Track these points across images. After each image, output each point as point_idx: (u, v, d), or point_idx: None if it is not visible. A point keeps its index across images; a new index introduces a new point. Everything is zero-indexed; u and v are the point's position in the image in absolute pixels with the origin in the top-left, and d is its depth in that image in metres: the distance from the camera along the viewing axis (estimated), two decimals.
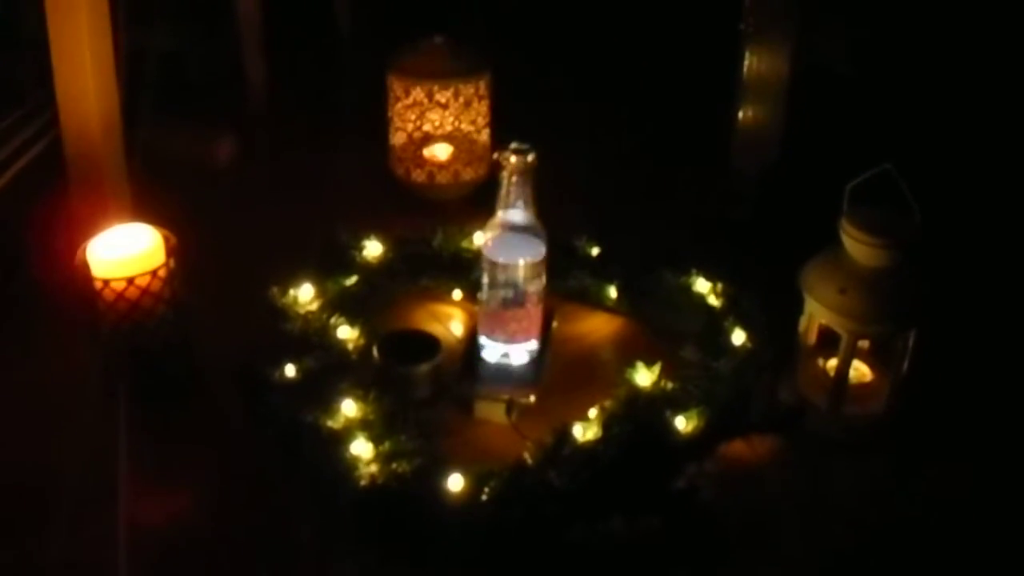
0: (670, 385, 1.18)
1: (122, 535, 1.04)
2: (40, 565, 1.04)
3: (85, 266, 1.19)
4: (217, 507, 1.11)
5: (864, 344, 1.25)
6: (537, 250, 1.21)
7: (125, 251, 1.20)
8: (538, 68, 2.19)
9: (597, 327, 1.39)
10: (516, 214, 1.20)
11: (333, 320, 1.28)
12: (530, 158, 1.17)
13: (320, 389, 1.15)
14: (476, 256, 1.38)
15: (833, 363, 1.22)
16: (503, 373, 1.25)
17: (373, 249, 1.42)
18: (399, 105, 1.67)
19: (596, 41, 2.35)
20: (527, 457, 1.08)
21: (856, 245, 1.15)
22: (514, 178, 1.18)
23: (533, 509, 1.03)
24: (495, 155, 1.19)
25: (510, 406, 1.21)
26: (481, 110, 1.67)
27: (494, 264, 1.21)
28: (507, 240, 1.21)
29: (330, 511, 1.08)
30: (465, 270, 1.41)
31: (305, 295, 1.31)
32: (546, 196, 1.21)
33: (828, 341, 1.23)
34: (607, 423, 1.11)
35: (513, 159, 1.17)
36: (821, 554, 1.08)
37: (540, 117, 1.76)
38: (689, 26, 2.19)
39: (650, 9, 2.30)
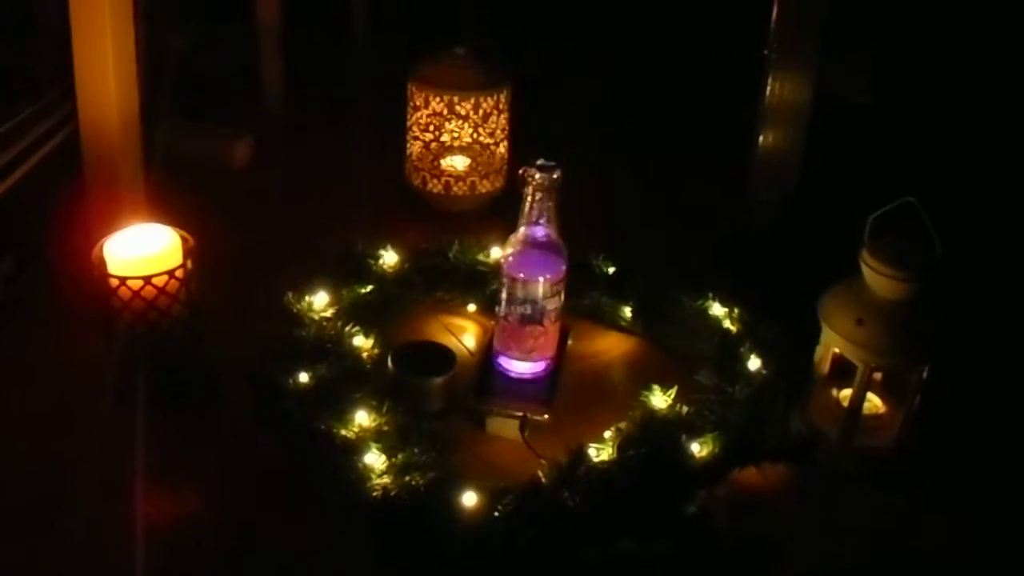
0: (686, 409, 1.17)
1: (135, 537, 1.03)
2: (52, 566, 1.03)
3: (101, 263, 1.18)
4: (228, 512, 1.11)
5: (878, 376, 1.25)
6: (558, 267, 1.21)
7: (143, 250, 1.19)
8: (558, 83, 2.18)
9: (611, 346, 1.39)
10: (538, 231, 1.20)
11: (348, 328, 1.27)
12: (555, 175, 1.16)
13: (334, 397, 1.15)
14: (492, 270, 1.38)
15: (847, 394, 1.21)
16: (517, 389, 1.24)
17: (389, 259, 1.41)
18: (417, 115, 1.66)
19: (619, 59, 2.35)
20: (541, 476, 1.08)
21: (876, 276, 1.14)
22: (538, 194, 1.17)
23: (546, 528, 1.03)
24: (520, 171, 1.18)
25: (523, 423, 1.20)
26: (500, 123, 1.67)
27: (514, 280, 1.21)
28: (528, 256, 1.20)
29: (342, 520, 1.07)
30: (481, 283, 1.40)
31: (320, 302, 1.31)
32: (563, 212, 1.21)
33: (842, 371, 1.23)
34: (622, 445, 1.10)
35: (538, 175, 1.16)
36: None
37: (559, 132, 1.77)
38: (713, 50, 2.19)
39: (675, 31, 2.30)
